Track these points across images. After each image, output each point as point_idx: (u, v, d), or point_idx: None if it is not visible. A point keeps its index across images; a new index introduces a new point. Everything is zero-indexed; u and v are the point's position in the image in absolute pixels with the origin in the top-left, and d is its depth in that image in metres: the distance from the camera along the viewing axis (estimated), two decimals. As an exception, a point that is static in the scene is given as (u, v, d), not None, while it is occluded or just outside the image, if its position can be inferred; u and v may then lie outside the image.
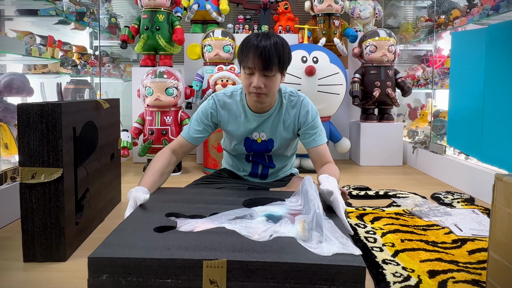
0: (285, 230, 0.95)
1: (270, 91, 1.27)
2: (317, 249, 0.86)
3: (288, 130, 1.41)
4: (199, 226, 0.99)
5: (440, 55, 3.21)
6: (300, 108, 1.39)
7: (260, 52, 1.20)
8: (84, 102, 1.46)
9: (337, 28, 3.13)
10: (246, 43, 1.25)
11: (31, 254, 1.23)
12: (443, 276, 1.14)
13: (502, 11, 2.09)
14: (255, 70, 1.23)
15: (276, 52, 1.22)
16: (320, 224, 0.91)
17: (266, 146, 1.44)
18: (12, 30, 2.44)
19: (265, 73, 1.23)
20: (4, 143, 1.88)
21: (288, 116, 1.40)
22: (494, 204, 0.96)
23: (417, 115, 3.49)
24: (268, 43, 1.21)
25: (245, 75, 1.28)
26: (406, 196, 2.01)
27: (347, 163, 3.07)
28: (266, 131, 1.42)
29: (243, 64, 1.27)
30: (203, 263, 0.80)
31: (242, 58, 1.26)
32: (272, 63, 1.21)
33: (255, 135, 1.42)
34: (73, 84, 3.00)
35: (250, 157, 1.50)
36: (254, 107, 1.38)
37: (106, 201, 1.71)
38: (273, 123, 1.40)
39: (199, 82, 2.88)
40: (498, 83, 1.26)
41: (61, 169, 1.22)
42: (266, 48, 1.20)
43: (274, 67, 1.22)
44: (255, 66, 1.22)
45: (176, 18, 2.86)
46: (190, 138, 1.40)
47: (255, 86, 1.24)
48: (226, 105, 1.41)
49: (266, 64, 1.21)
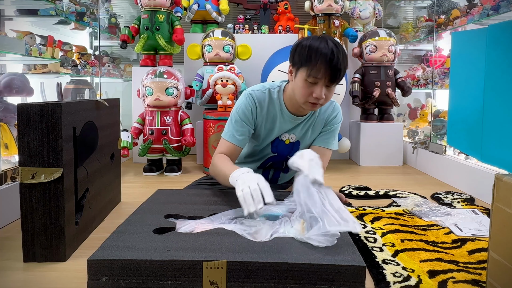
0: (284, 230, 0.96)
1: (327, 101, 1.23)
2: (319, 242, 0.87)
3: (316, 133, 1.41)
4: (198, 227, 0.99)
5: (440, 55, 3.21)
6: (332, 110, 1.39)
7: (332, 64, 1.13)
8: (84, 102, 1.46)
9: (337, 28, 3.13)
10: (315, 51, 1.15)
11: (31, 254, 1.23)
12: (443, 276, 1.14)
13: (502, 11, 2.09)
14: (321, 80, 1.16)
15: (343, 65, 1.16)
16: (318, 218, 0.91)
17: (293, 148, 1.41)
18: (12, 30, 2.44)
19: (330, 84, 1.18)
20: (4, 143, 1.88)
21: (320, 119, 1.40)
22: (494, 204, 0.96)
23: (417, 115, 3.49)
24: (338, 54, 1.14)
25: (306, 83, 1.19)
26: (406, 196, 2.01)
27: (347, 163, 3.07)
28: (296, 133, 1.39)
29: (308, 72, 1.17)
30: (203, 264, 0.80)
31: (307, 65, 1.17)
32: (341, 77, 1.17)
33: (285, 136, 1.40)
34: (73, 84, 3.00)
35: (269, 163, 1.46)
36: (293, 110, 1.32)
37: (106, 201, 1.71)
38: (306, 126, 1.39)
39: (199, 82, 2.88)
40: (498, 83, 1.26)
41: (61, 169, 1.21)
42: (339, 61, 1.14)
43: (340, 79, 1.18)
44: (323, 76, 1.15)
45: (176, 18, 2.86)
46: (238, 142, 1.32)
47: (318, 97, 1.17)
48: (264, 103, 1.34)
49: (336, 77, 1.15)
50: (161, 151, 2.54)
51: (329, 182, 1.18)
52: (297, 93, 1.23)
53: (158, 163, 2.65)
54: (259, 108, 1.34)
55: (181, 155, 2.57)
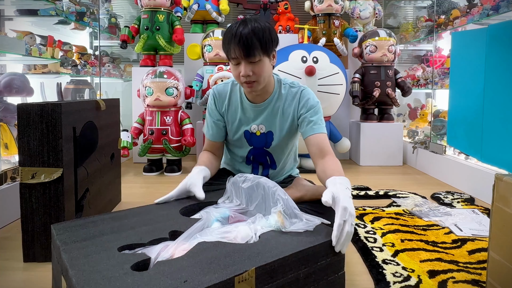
0: (263, 225, 0.99)
1: (259, 77, 1.25)
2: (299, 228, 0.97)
3: (288, 122, 1.38)
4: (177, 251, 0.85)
5: (440, 55, 3.21)
6: (300, 97, 1.36)
7: (238, 40, 1.19)
8: (84, 102, 1.46)
9: (337, 28, 3.13)
10: (226, 34, 1.24)
11: (31, 254, 1.23)
12: (443, 276, 1.14)
13: (502, 11, 2.09)
14: (240, 59, 1.23)
15: (256, 36, 1.20)
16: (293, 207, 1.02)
17: (266, 139, 1.42)
18: (12, 30, 2.44)
19: (250, 60, 1.22)
20: (4, 143, 1.88)
21: (287, 106, 1.37)
22: (494, 204, 0.96)
23: (417, 115, 3.49)
24: (247, 29, 1.20)
25: (233, 67, 1.28)
26: (406, 196, 2.01)
27: (347, 163, 3.07)
28: (264, 123, 1.39)
29: (228, 56, 1.26)
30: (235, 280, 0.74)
31: (226, 50, 1.26)
32: (254, 48, 1.20)
33: (253, 127, 1.40)
34: (73, 84, 3.00)
35: (252, 157, 1.49)
36: (251, 97, 1.37)
37: (106, 201, 1.71)
38: (271, 114, 1.38)
39: (199, 82, 2.88)
40: (498, 83, 1.26)
41: (61, 169, 1.22)
42: (244, 35, 1.19)
43: (257, 51, 1.21)
44: (237, 55, 1.21)
45: (176, 18, 2.86)
46: (213, 136, 1.43)
47: (243, 75, 1.23)
48: (225, 95, 1.42)
49: (248, 50, 1.20)
50: (161, 151, 2.54)
51: (329, 182, 1.18)
52: (234, 78, 1.31)
53: (158, 163, 2.65)
54: (220, 100, 1.42)
55: (181, 155, 2.57)
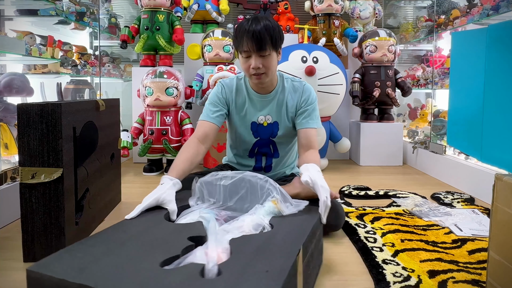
0: (264, 214, 1.05)
1: (268, 70, 1.36)
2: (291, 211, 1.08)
3: (291, 113, 1.48)
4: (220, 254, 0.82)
5: (440, 55, 3.20)
6: (302, 91, 1.48)
7: (252, 34, 1.29)
8: (84, 102, 1.46)
9: (337, 28, 3.13)
10: (239, 29, 1.34)
11: (31, 254, 1.23)
12: (443, 276, 1.14)
13: (502, 11, 2.09)
14: (251, 53, 1.32)
15: (267, 32, 1.31)
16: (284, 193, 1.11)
17: (272, 129, 1.50)
18: (12, 30, 2.44)
19: (260, 54, 1.32)
20: (4, 143, 1.88)
21: (290, 99, 1.48)
22: (494, 204, 0.96)
23: (417, 115, 3.49)
24: (259, 25, 1.30)
25: (243, 60, 1.37)
26: (406, 196, 2.01)
27: (347, 163, 3.07)
28: (271, 113, 1.49)
29: (239, 50, 1.36)
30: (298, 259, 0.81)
31: (237, 44, 1.35)
32: (265, 43, 1.31)
33: (261, 118, 1.49)
34: (73, 84, 3.00)
35: (256, 149, 1.53)
36: (257, 89, 1.46)
37: (106, 201, 1.71)
38: (277, 105, 1.48)
39: (199, 82, 2.88)
40: (498, 83, 1.26)
41: (61, 169, 1.21)
42: (257, 30, 1.29)
43: (268, 46, 1.32)
44: (249, 48, 1.31)
45: (176, 18, 2.86)
46: (212, 119, 1.44)
47: (253, 67, 1.33)
48: (232, 87, 1.49)
49: (260, 45, 1.30)
50: (161, 151, 2.54)
51: (329, 182, 1.19)
52: (243, 70, 1.40)
53: (158, 163, 2.65)
54: (228, 91, 1.50)
55: (181, 155, 2.56)
